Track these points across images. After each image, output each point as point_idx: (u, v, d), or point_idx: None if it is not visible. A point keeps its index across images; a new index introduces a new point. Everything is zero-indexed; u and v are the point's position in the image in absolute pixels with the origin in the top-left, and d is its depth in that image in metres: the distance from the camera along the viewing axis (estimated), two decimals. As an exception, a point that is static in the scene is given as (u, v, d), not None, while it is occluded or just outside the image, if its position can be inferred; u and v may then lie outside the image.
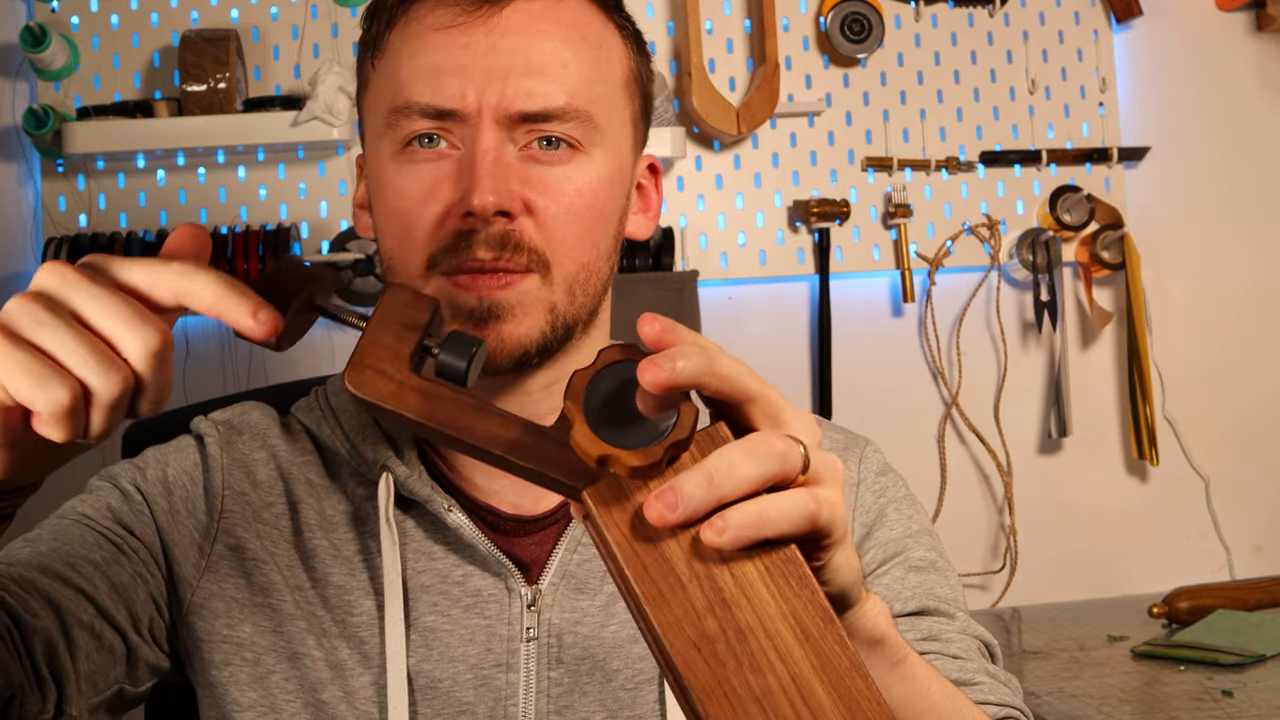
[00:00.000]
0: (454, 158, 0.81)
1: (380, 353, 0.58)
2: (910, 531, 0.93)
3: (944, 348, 1.86)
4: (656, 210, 0.94)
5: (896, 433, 1.84)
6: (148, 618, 0.85)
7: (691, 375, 0.52)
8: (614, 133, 0.85)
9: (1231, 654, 1.44)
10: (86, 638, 0.79)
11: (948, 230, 1.85)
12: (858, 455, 0.95)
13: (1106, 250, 1.85)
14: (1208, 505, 1.91)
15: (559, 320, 0.82)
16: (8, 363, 0.55)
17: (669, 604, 0.53)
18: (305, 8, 1.75)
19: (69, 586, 0.80)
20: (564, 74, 0.81)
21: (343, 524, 0.87)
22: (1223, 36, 1.95)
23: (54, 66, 1.66)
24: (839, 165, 1.83)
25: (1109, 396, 1.91)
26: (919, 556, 0.91)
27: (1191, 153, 1.93)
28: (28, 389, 0.55)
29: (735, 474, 0.53)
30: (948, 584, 0.92)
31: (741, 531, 0.52)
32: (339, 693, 0.83)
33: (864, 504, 0.93)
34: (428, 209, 0.81)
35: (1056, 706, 1.33)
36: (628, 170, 0.88)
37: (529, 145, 0.81)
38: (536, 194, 0.81)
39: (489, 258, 0.80)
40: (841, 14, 1.79)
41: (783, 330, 1.84)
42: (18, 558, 0.82)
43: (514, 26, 0.81)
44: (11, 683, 0.73)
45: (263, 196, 1.73)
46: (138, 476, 0.90)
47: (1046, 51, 1.89)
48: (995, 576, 1.86)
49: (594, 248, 0.84)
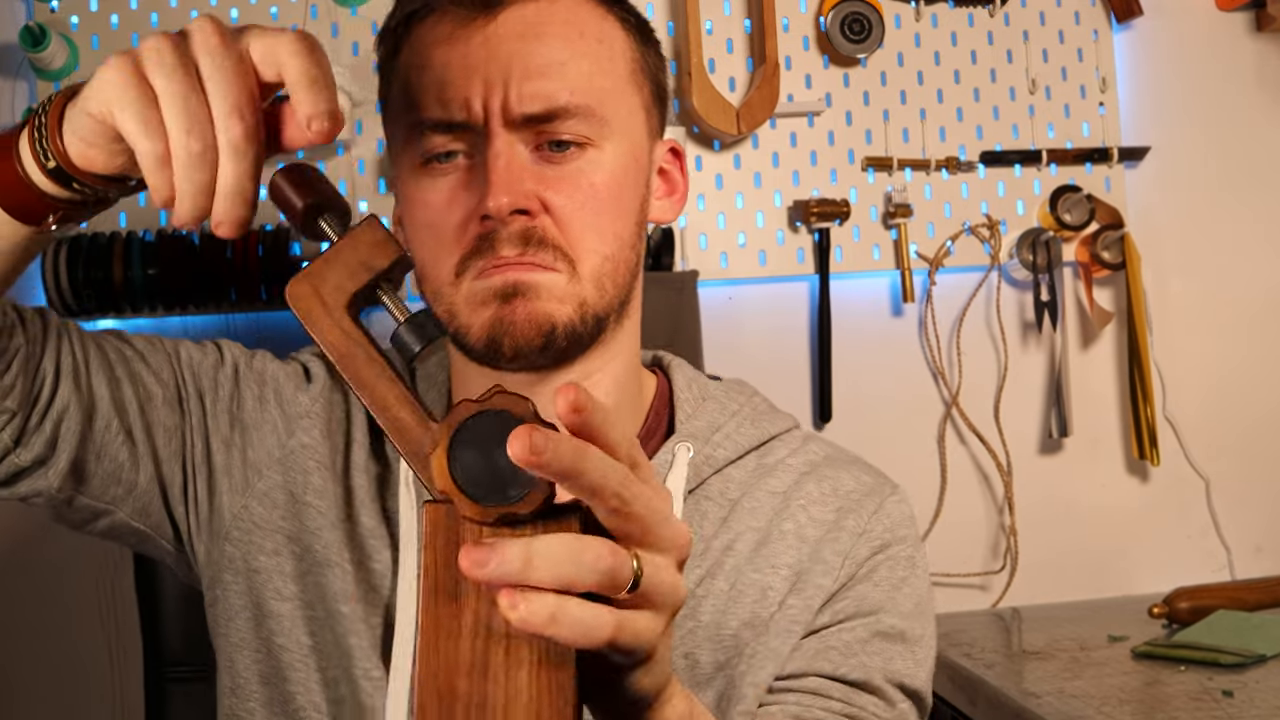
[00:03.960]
0: (468, 167, 0.83)
1: (329, 276, 0.60)
2: (896, 595, 0.90)
3: (944, 348, 1.86)
4: (683, 193, 0.95)
5: (896, 433, 1.84)
6: (169, 470, 0.92)
7: (556, 468, 0.52)
8: (623, 123, 0.86)
9: (1232, 654, 1.44)
10: (106, 438, 0.89)
11: (948, 230, 1.85)
12: (876, 504, 0.93)
13: (1107, 250, 1.85)
14: (1208, 505, 1.91)
15: (589, 312, 0.84)
16: (123, 98, 0.60)
17: (438, 647, 0.54)
18: (305, 8, 1.75)
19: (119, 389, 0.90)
20: (563, 72, 0.82)
21: (376, 477, 0.92)
22: (1223, 36, 1.95)
23: (54, 66, 1.66)
24: (839, 165, 1.83)
25: (1109, 396, 1.91)
26: (891, 624, 0.89)
27: (1191, 153, 1.93)
28: (132, 128, 0.61)
29: (554, 568, 0.52)
30: (913, 660, 0.89)
31: (530, 619, 0.52)
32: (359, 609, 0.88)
33: (857, 554, 0.90)
34: (450, 218, 0.83)
35: (1056, 706, 1.33)
36: (644, 158, 0.89)
37: (540, 147, 0.83)
38: (552, 192, 0.82)
39: (514, 254, 0.81)
40: (841, 14, 1.79)
41: (783, 330, 1.84)
42: (104, 342, 0.92)
43: (509, 33, 0.83)
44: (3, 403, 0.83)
45: (262, 196, 1.73)
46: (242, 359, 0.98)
47: (1046, 51, 1.89)
48: (995, 576, 1.86)
49: (616, 238, 0.85)
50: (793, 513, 0.91)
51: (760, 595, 0.89)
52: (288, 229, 1.67)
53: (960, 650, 1.57)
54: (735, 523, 0.91)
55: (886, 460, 0.99)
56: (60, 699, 1.71)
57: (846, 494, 0.93)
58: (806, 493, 0.93)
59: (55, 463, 0.87)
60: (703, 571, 0.89)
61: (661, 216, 0.94)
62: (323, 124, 0.61)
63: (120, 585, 1.69)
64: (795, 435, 0.98)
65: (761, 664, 0.87)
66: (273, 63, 0.62)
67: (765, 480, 0.93)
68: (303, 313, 0.59)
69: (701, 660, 0.88)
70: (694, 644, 0.88)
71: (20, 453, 0.85)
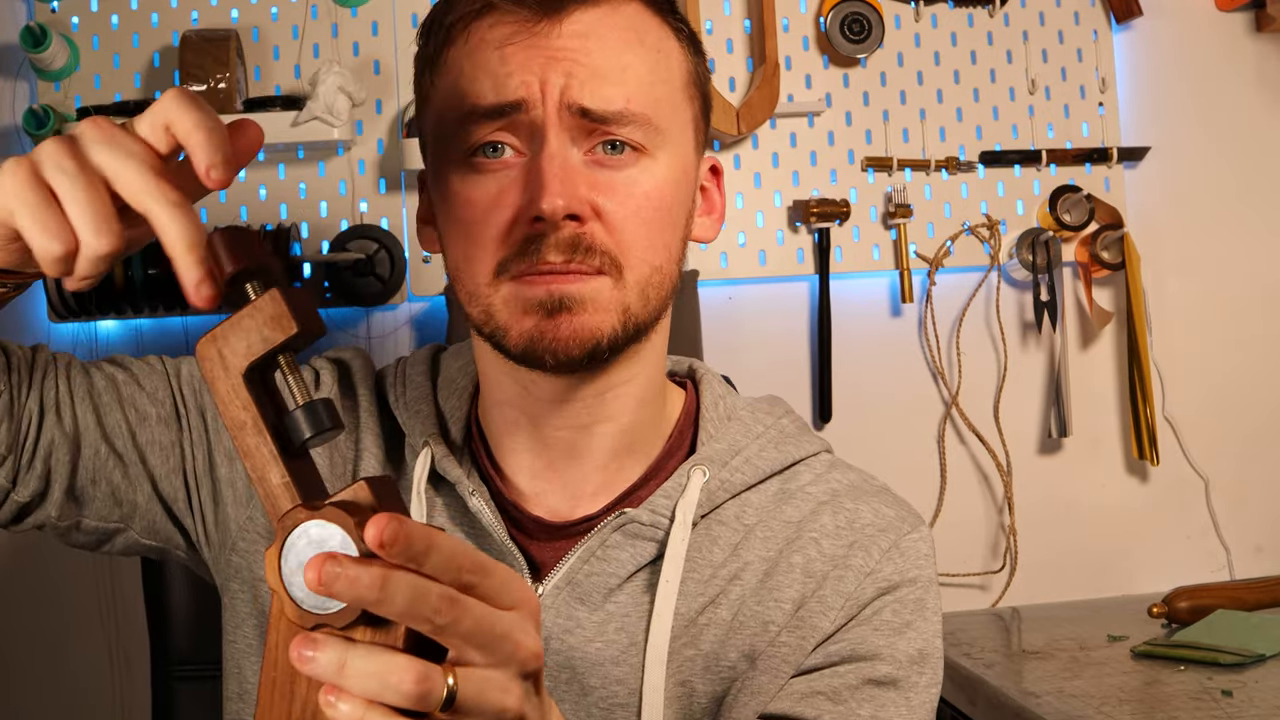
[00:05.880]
0: (519, 165, 0.81)
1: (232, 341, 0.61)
2: (896, 641, 0.87)
3: (944, 348, 1.86)
4: (721, 212, 0.94)
5: (896, 433, 1.84)
6: (170, 486, 0.93)
7: (351, 597, 0.55)
8: (676, 135, 0.85)
9: (1231, 654, 1.44)
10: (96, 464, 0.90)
11: (947, 230, 1.85)
12: (890, 541, 0.89)
13: (1106, 250, 1.85)
14: (1208, 505, 1.91)
15: (631, 321, 0.82)
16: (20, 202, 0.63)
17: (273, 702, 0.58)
18: (305, 8, 1.75)
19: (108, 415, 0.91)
20: (624, 78, 0.81)
21: None
22: (1222, 37, 1.95)
23: (54, 67, 1.66)
24: (839, 165, 1.83)
25: (1109, 396, 1.91)
26: (885, 671, 0.86)
27: (1191, 153, 1.93)
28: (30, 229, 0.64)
29: (362, 682, 0.55)
30: (906, 707, 0.86)
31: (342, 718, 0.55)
32: None
33: (861, 595, 0.87)
34: (495, 216, 0.81)
35: (1057, 706, 1.34)
36: (692, 172, 0.88)
37: (593, 150, 0.81)
38: (604, 198, 0.81)
39: (560, 261, 0.79)
40: (841, 14, 1.79)
41: (783, 330, 1.84)
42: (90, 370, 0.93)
43: (574, 33, 0.81)
44: None
45: (263, 196, 1.73)
46: None
47: (1046, 51, 1.89)
48: (995, 576, 1.86)
49: (666, 249, 0.84)
50: (803, 545, 0.89)
51: (761, 629, 0.87)
52: (288, 229, 1.67)
53: (960, 650, 1.57)
54: (746, 551, 0.89)
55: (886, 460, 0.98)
56: (60, 700, 1.71)
57: (861, 528, 0.90)
58: (821, 525, 0.90)
59: (51, 494, 0.89)
60: (706, 599, 0.87)
61: (702, 235, 0.91)
62: (220, 172, 0.64)
63: (121, 587, 1.69)
64: (822, 460, 0.95)
65: (749, 699, 0.86)
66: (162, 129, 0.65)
67: (782, 508, 0.91)
68: (205, 374, 0.61)
69: (698, 690, 0.86)
70: (691, 672, 0.86)
71: (19, 490, 0.89)
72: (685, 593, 0.87)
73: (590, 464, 0.89)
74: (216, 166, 0.63)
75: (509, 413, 0.89)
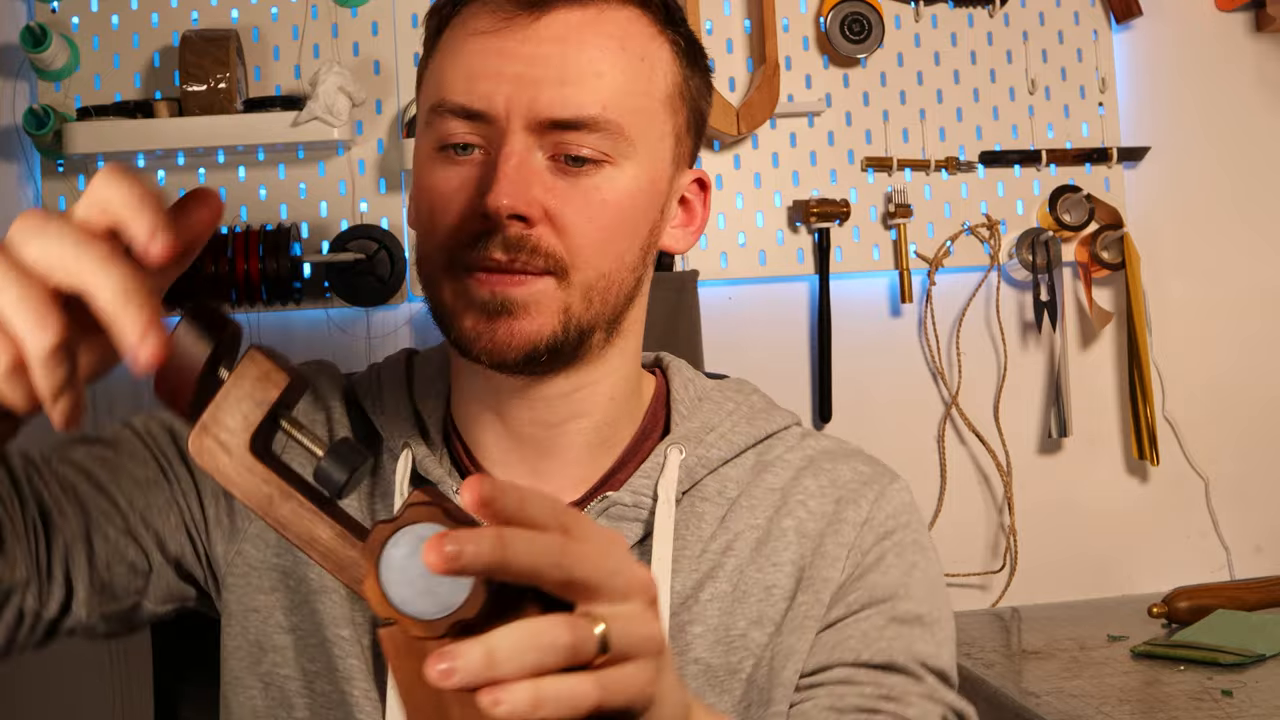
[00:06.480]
0: (483, 162, 0.83)
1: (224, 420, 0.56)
2: (908, 580, 0.90)
3: (944, 348, 1.86)
4: (700, 225, 0.95)
5: (896, 433, 1.84)
6: (176, 544, 0.92)
7: (480, 566, 0.52)
8: (649, 146, 0.85)
9: (1231, 654, 1.44)
10: (108, 548, 0.88)
11: (947, 230, 1.85)
12: (876, 492, 0.93)
13: (1106, 250, 1.85)
14: (1208, 505, 1.91)
15: (572, 322, 0.83)
16: None
17: None
18: (305, 8, 1.75)
19: (104, 496, 0.89)
20: (597, 84, 0.82)
21: (364, 493, 0.92)
22: (1222, 37, 1.95)
23: (54, 66, 1.66)
24: (839, 165, 1.83)
25: (1109, 396, 1.91)
26: (906, 609, 0.89)
27: (1191, 153, 1.93)
28: None
29: (517, 659, 0.52)
30: (934, 642, 0.89)
31: (516, 708, 0.52)
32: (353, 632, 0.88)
33: (862, 544, 0.91)
34: (452, 208, 0.83)
35: (1056, 706, 1.34)
36: (663, 183, 0.88)
37: (557, 157, 0.82)
38: (560, 202, 0.82)
39: (504, 258, 0.81)
40: (841, 14, 1.79)
41: (782, 330, 1.84)
42: (72, 456, 0.90)
43: (551, 35, 0.82)
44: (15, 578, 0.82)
45: (263, 196, 1.73)
46: None
47: (1046, 51, 1.89)
48: (995, 576, 1.86)
49: (618, 258, 0.84)
50: (792, 509, 0.91)
51: (765, 594, 0.89)
52: (288, 229, 1.68)
53: (960, 650, 1.57)
54: (734, 522, 0.91)
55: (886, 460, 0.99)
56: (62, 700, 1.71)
57: (845, 484, 0.93)
58: (804, 487, 0.92)
59: (77, 595, 0.87)
60: (701, 575, 0.89)
61: (674, 245, 0.93)
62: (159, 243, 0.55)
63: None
64: (794, 432, 0.97)
65: (783, 664, 0.87)
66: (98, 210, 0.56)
67: (763, 477, 0.93)
68: (209, 467, 0.56)
69: (714, 664, 0.88)
70: (704, 648, 0.88)
71: (47, 606, 0.86)
72: (679, 570, 0.88)
73: (565, 459, 0.90)
74: (155, 238, 0.55)
75: (477, 407, 0.90)
